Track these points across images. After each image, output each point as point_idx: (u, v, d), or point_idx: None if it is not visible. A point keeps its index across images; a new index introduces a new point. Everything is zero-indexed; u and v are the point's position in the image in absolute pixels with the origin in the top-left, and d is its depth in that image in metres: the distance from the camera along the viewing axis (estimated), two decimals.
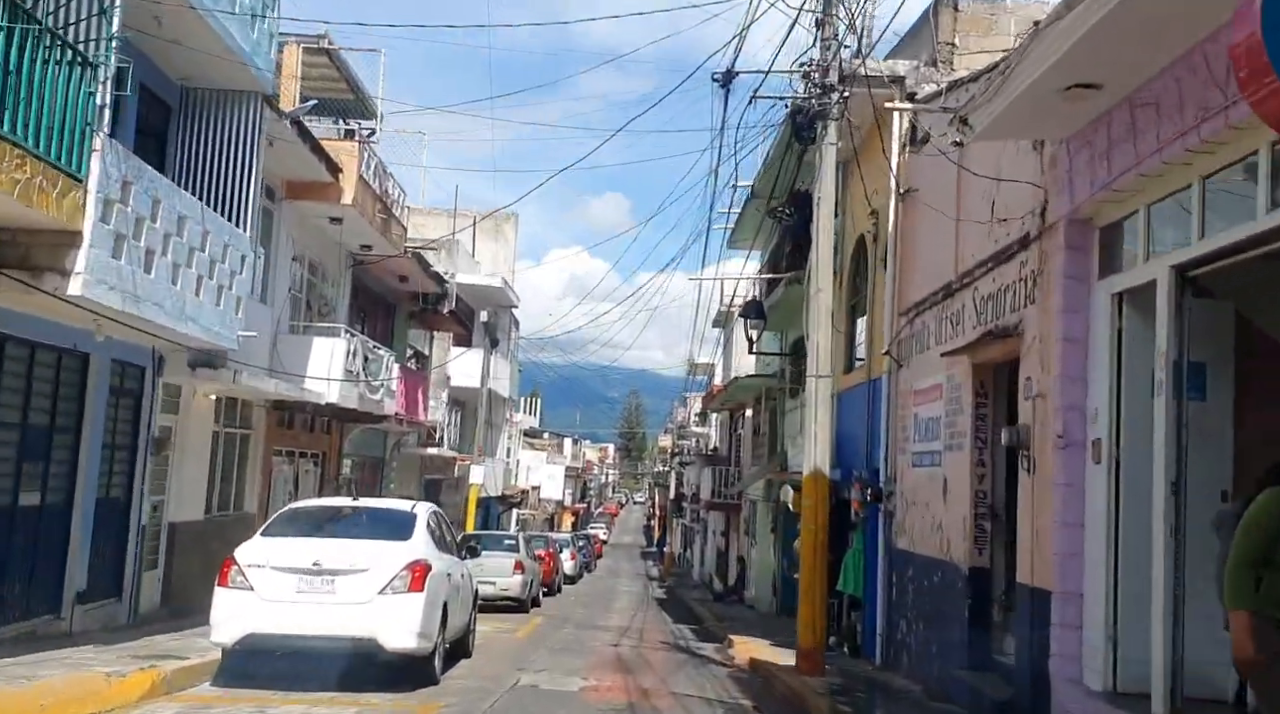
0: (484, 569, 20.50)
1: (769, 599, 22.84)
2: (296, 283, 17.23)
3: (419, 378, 23.11)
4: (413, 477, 25.76)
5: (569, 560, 36.14)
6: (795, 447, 17.36)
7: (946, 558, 10.21)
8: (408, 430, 23.05)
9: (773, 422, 22.77)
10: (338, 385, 16.10)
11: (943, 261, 10.93)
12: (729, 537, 34.07)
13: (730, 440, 34.98)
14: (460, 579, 11.05)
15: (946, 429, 10.40)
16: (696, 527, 47.24)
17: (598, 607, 25.35)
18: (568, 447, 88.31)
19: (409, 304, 23.78)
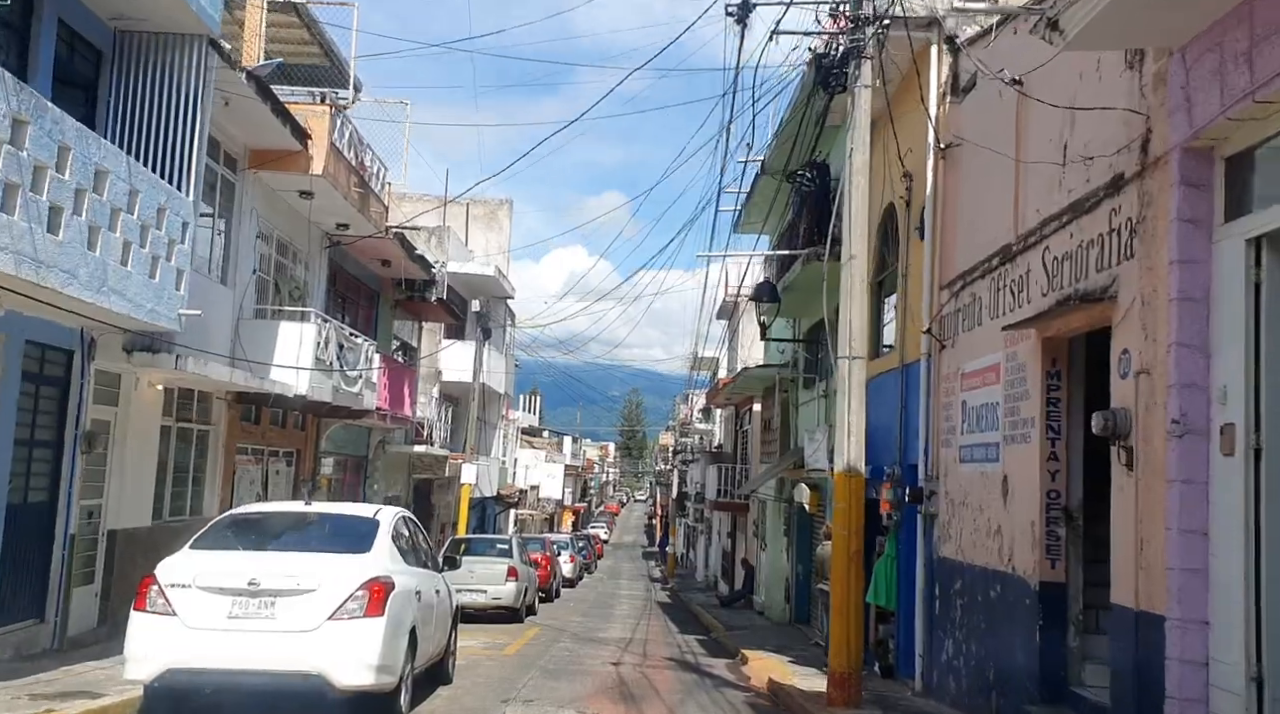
0: (475, 576, 18.97)
1: (781, 606, 21.26)
2: (263, 263, 15.63)
3: (405, 370, 21.52)
4: (400, 476, 24.18)
5: (567, 563, 34.56)
6: (812, 442, 15.78)
7: (1008, 569, 8.62)
8: (393, 427, 21.46)
9: (785, 416, 21.17)
10: (307, 376, 14.51)
11: (996, 223, 9.35)
12: (735, 538, 32.47)
13: (736, 437, 33.38)
14: (435, 596, 9.46)
15: (1007, 417, 8.80)
16: (700, 527, 45.64)
17: (597, 614, 23.77)
18: (567, 445, 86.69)
19: (394, 292, 22.18)
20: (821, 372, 17.50)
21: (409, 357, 24.67)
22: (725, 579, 34.83)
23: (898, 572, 12.17)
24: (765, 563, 24.19)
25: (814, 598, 19.03)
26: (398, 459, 23.50)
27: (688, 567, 53.21)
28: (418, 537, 9.78)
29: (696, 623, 22.98)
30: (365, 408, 17.80)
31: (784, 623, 20.41)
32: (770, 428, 22.48)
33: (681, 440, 53.36)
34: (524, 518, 58.32)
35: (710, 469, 31.85)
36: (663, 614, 25.14)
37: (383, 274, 21.40)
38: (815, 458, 15.33)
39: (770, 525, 23.13)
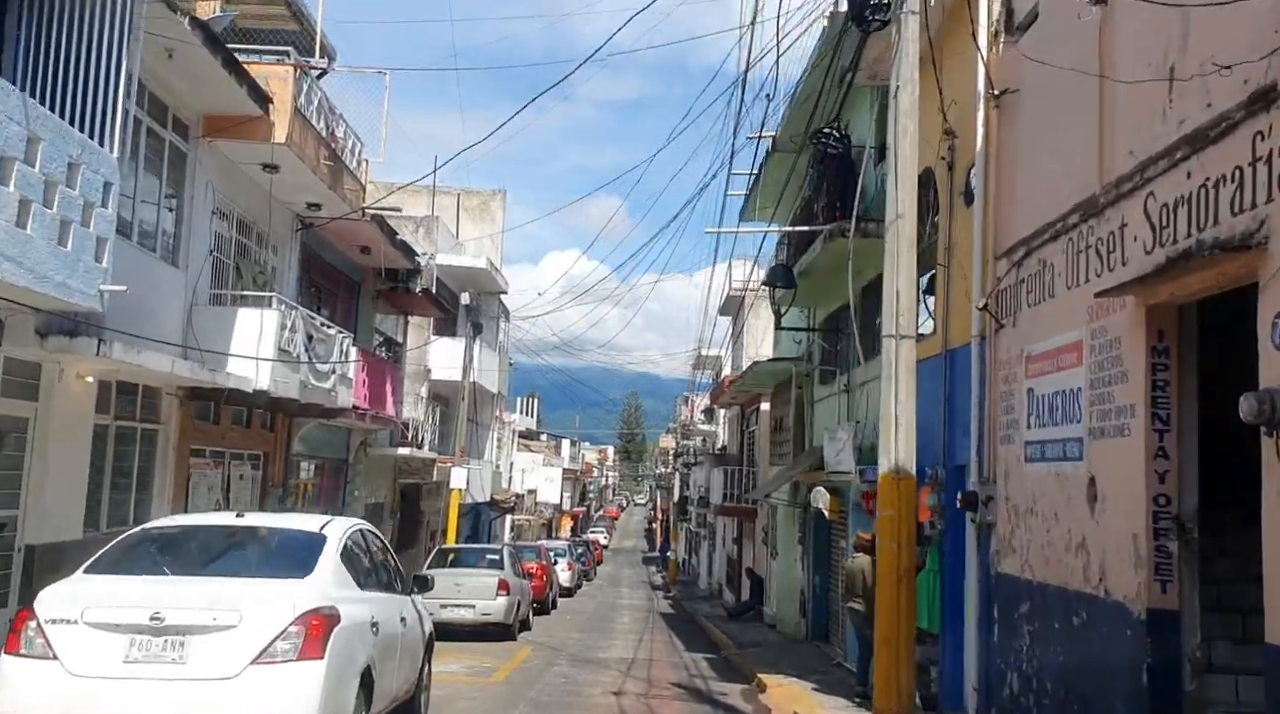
0: (462, 590, 17.40)
1: (795, 620, 19.66)
2: (221, 244, 14.04)
3: (387, 367, 19.93)
4: (384, 481, 22.57)
5: (565, 572, 32.97)
6: (834, 441, 14.20)
7: (1097, 592, 7.03)
8: (375, 428, 19.86)
9: (799, 414, 19.59)
10: (269, 368, 12.91)
11: (1071, 174, 7.78)
12: (742, 544, 30.86)
13: (742, 439, 31.79)
14: (400, 625, 7.86)
15: (1094, 406, 7.22)
16: (703, 532, 44.02)
17: (597, 629, 22.15)
18: (566, 449, 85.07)
19: (376, 282, 20.60)
20: (842, 364, 15.92)
21: (394, 353, 23.07)
22: (730, 587, 33.22)
23: (941, 589, 10.57)
24: (776, 573, 22.59)
25: (834, 613, 17.42)
26: (381, 463, 21.91)
27: (690, 573, 51.56)
28: (379, 554, 8.18)
29: (704, 638, 21.38)
30: (340, 406, 16.21)
31: (799, 639, 18.82)
32: (782, 427, 20.89)
33: (683, 443, 51.74)
34: (521, 523, 56.67)
35: (715, 472, 30.26)
36: (667, 628, 23.54)
37: (363, 263, 19.82)
38: (838, 459, 13.75)
39: (782, 532, 21.54)
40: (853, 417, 14.83)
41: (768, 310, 29.28)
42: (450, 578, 17.77)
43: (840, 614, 16.69)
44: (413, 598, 8.75)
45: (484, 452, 31.27)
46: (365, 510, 21.11)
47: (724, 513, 29.49)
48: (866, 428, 13.44)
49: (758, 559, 26.85)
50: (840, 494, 15.80)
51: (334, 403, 15.80)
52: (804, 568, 18.79)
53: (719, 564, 37.44)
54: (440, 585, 17.52)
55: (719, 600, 34.16)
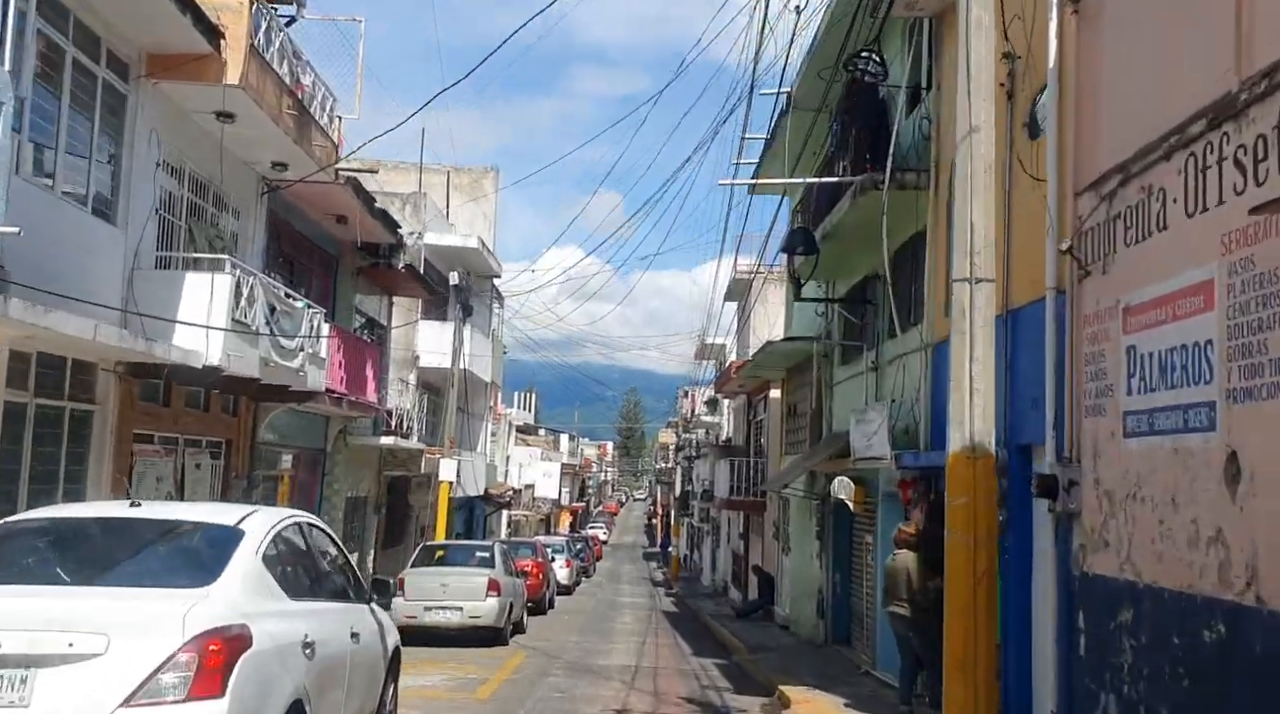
0: (448, 591, 15.85)
1: (811, 621, 18.09)
2: (171, 203, 12.45)
3: (367, 348, 18.33)
4: (368, 473, 20.98)
5: (563, 569, 31.43)
6: (863, 424, 12.61)
7: (1244, 599, 5.45)
8: (355, 415, 18.27)
9: (817, 398, 18.00)
10: (219, 342, 11.31)
11: (1187, 76, 6.19)
12: (748, 540, 29.31)
13: (748, 430, 30.22)
14: (351, 643, 6.27)
15: (1234, 361, 5.63)
16: (706, 527, 42.48)
17: (596, 631, 20.58)
18: (564, 443, 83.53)
19: (355, 257, 19.01)
20: (868, 339, 14.32)
21: (377, 335, 21.48)
22: (736, 584, 31.68)
23: (1002, 591, 8.98)
24: (789, 570, 21.02)
25: (857, 615, 15.86)
26: (364, 453, 20.32)
27: (692, 569, 50.04)
28: (324, 555, 6.59)
29: (711, 640, 19.82)
30: (311, 389, 14.61)
31: (817, 642, 17.24)
32: (796, 414, 19.30)
33: (685, 437, 50.19)
34: (518, 519, 55.11)
35: (720, 464, 28.68)
36: (671, 629, 21.97)
37: (341, 236, 18.22)
38: (868, 445, 12.16)
39: (796, 527, 19.96)
40: (883, 397, 13.25)
41: (777, 295, 27.73)
42: (435, 577, 16.21)
43: (866, 617, 15.12)
44: (372, 606, 7.16)
45: (477, 443, 29.69)
46: (346, 505, 19.55)
47: (730, 507, 27.93)
48: (902, 408, 11.86)
49: (767, 555, 25.29)
50: (867, 484, 14.22)
51: (304, 385, 14.21)
52: (822, 565, 17.21)
53: (723, 560, 35.91)
54: (424, 586, 15.97)
55: (724, 598, 32.62)
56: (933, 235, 11.28)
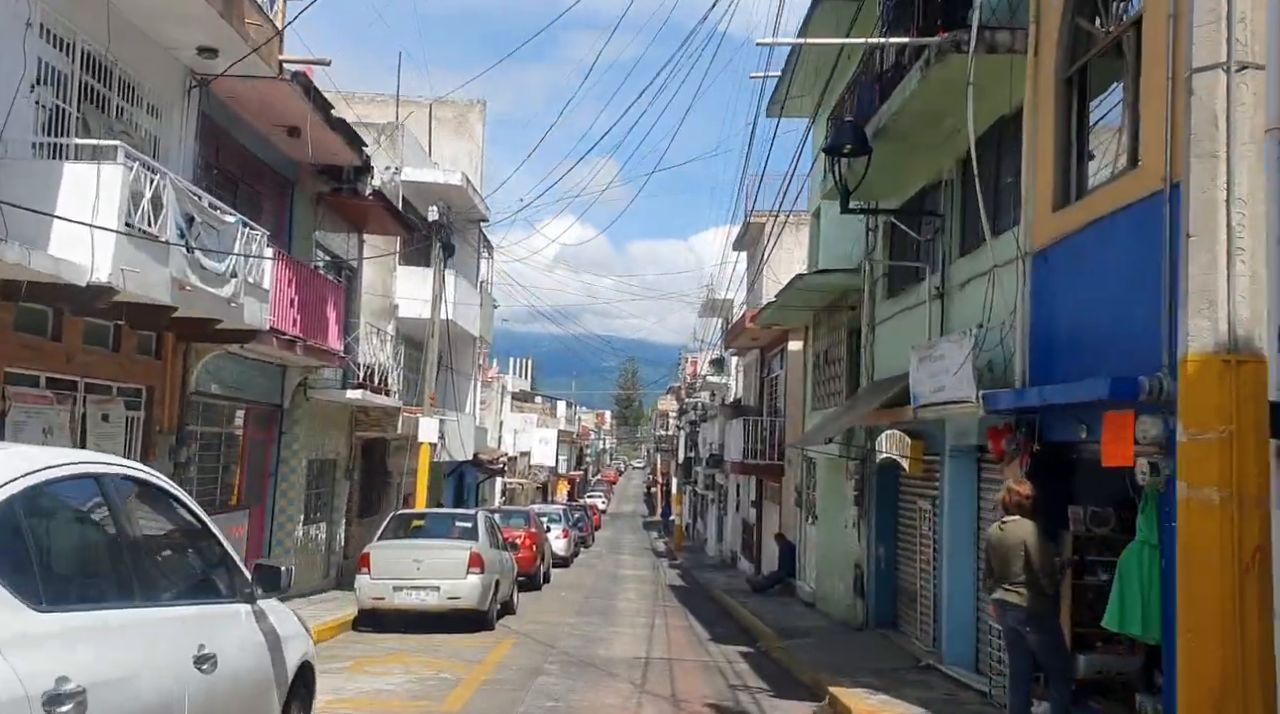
0: (422, 568, 13.37)
1: (846, 599, 15.67)
2: (58, 83, 9.80)
3: (328, 286, 15.70)
4: (338, 434, 18.44)
5: (560, 539, 29.05)
6: (930, 362, 10.07)
7: None
8: (317, 363, 15.70)
9: (852, 345, 15.49)
10: (109, 253, 8.70)
11: None
12: (762, 507, 26.92)
13: (761, 388, 27.74)
14: (190, 679, 3.74)
15: None
16: (711, 495, 40.11)
17: (597, 610, 18.16)
18: (561, 410, 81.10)
19: (315, 182, 16.37)
20: (933, 259, 11.73)
21: (347, 278, 18.88)
22: (747, 555, 29.33)
23: (1161, 572, 6.46)
24: (815, 540, 18.59)
25: (906, 593, 13.43)
26: (331, 411, 17.78)
27: (695, 539, 47.78)
28: (151, 530, 4.04)
29: (730, 621, 17.41)
30: (250, 326, 12.02)
31: (854, 624, 14.82)
32: (827, 361, 16.77)
33: (688, 401, 47.70)
34: (514, 487, 52.75)
35: (732, 426, 26.19)
36: (681, 607, 19.56)
37: (297, 156, 15.57)
38: (943, 385, 9.61)
39: (826, 492, 17.49)
40: (954, 329, 10.71)
41: (795, 241, 25.10)
42: (408, 552, 13.74)
43: (920, 597, 12.68)
44: (258, 607, 4.64)
45: (465, 404, 27.16)
46: (310, 469, 17.04)
47: (743, 471, 25.47)
48: (989, 336, 9.31)
49: (785, 524, 22.88)
50: (927, 438, 11.73)
51: (240, 321, 11.63)
52: (861, 536, 14.74)
53: (731, 530, 33.56)
54: (394, 562, 13.51)
55: (733, 569, 30.29)
56: (1033, 110, 8.67)
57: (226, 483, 14.53)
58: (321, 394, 16.64)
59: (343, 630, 13.34)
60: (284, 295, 13.57)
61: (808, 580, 19.18)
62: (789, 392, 22.88)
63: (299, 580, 16.43)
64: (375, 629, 13.59)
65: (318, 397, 16.65)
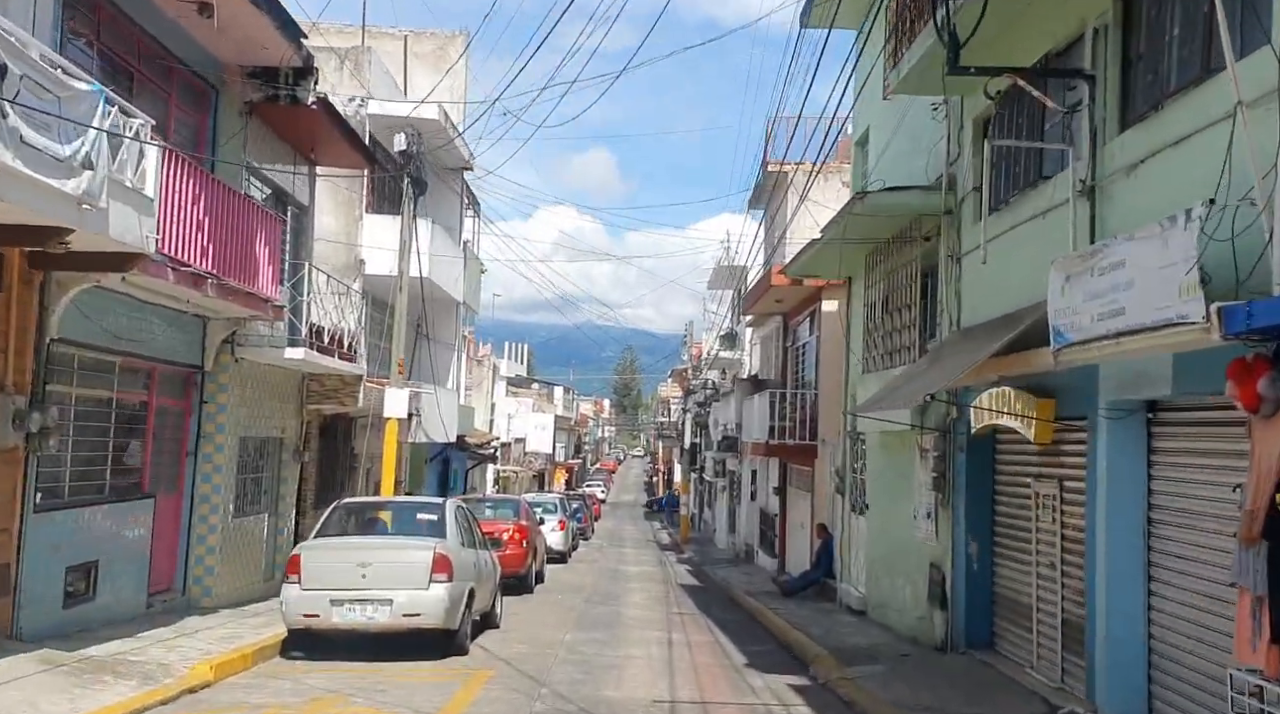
0: (370, 576, 10.05)
1: (915, 610, 12.42)
2: None
3: (256, 214, 12.29)
4: (286, 408, 15.09)
5: (555, 532, 25.76)
6: (1092, 279, 6.75)
7: None
8: (245, 314, 12.36)
9: (925, 287, 12.19)
10: None
11: None
12: (786, 495, 23.64)
13: (784, 359, 24.43)
14: None
15: None
16: (721, 482, 36.83)
17: (599, 620, 14.87)
18: (558, 396, 77.88)
19: (244, 86, 13.02)
20: (1077, 143, 8.34)
21: (295, 217, 15.54)
22: (767, 549, 26.10)
23: None
24: (865, 534, 15.32)
25: (1009, 603, 10.16)
26: (274, 378, 14.45)
27: (703, 530, 44.55)
28: None
29: (761, 632, 14.16)
30: (123, 245, 8.69)
31: (930, 641, 11.54)
32: (888, 313, 13.43)
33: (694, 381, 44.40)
34: (507, 475, 49.53)
35: (754, 402, 22.89)
36: (700, 615, 16.27)
37: (221, 53, 12.25)
38: (1142, 303, 6.26)
39: (882, 475, 14.19)
40: (1107, 233, 7.41)
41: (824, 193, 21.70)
42: (351, 553, 10.42)
43: (1038, 611, 9.40)
44: None
45: (447, 378, 23.82)
46: (244, 449, 13.74)
47: (767, 453, 22.16)
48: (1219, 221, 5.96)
49: (819, 514, 19.61)
50: (1064, 395, 8.43)
51: (103, 232, 8.30)
52: (942, 530, 11.45)
53: (746, 520, 30.29)
54: (332, 566, 10.25)
55: (749, 565, 27.08)
56: None
57: (124, 464, 11.24)
58: (253, 353, 13.30)
59: (264, 658, 10.06)
60: (185, 215, 10.24)
61: (853, 583, 15.92)
62: (823, 359, 19.58)
63: (227, 587, 13.12)
64: (310, 655, 10.33)
65: (249, 357, 13.32)
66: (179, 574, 12.53)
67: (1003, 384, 9.38)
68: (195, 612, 12.14)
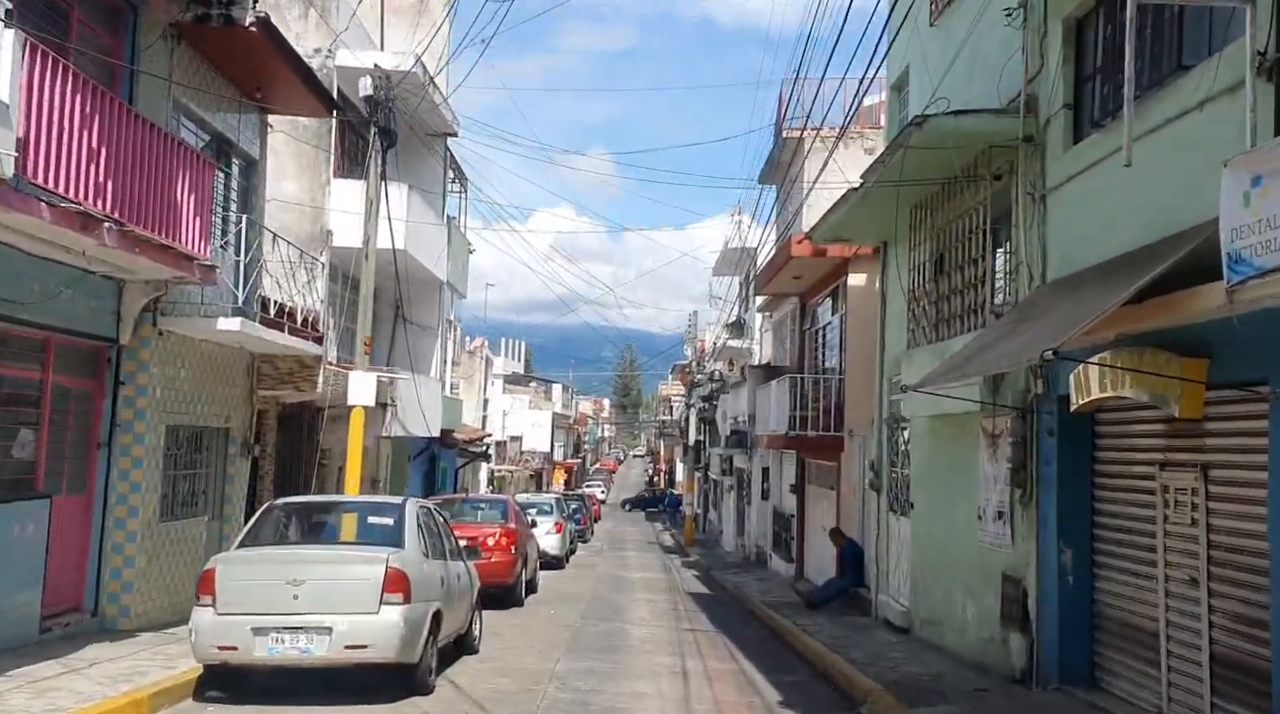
0: (304, 598, 7.81)
1: (981, 631, 10.24)
2: None
3: (178, 159, 10.07)
4: (228, 390, 12.88)
5: (551, 535, 23.62)
6: None
7: None
8: (169, 275, 10.16)
9: (984, 233, 9.99)
10: None
11: None
12: (804, 493, 21.44)
13: (800, 343, 22.24)
14: None
15: None
16: (729, 481, 34.63)
17: (598, 642, 12.67)
18: (557, 393, 75.69)
19: (168, 4, 10.82)
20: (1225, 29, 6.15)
21: (243, 172, 13.36)
22: (781, 553, 23.92)
23: None
24: (905, 538, 13.13)
25: (1128, 630, 7.95)
26: (216, 357, 12.26)
27: (709, 532, 42.33)
28: None
29: (791, 657, 11.97)
30: None
31: (1007, 670, 9.35)
32: (944, 273, 11.24)
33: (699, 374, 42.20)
34: (503, 475, 47.35)
35: (770, 390, 20.69)
36: (717, 633, 14.06)
37: None
38: None
39: (935, 466, 11.99)
40: None
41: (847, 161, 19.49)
42: (280, 568, 8.16)
43: (1168, 639, 7.20)
44: None
45: (430, 367, 21.61)
46: (176, 440, 11.56)
47: (786, 445, 19.95)
48: None
49: (844, 515, 17.44)
50: (1238, 353, 6.24)
51: None
52: (1021, 534, 9.25)
53: (757, 521, 28.08)
54: (254, 585, 8.03)
55: (761, 570, 24.89)
56: None
57: (10, 456, 9.08)
58: (181, 325, 11.11)
59: (169, 702, 7.88)
60: (72, 140, 8.05)
61: (893, 594, 13.73)
62: (849, 340, 17.40)
63: (152, 606, 10.90)
64: (232, 696, 8.15)
65: (177, 330, 11.13)
66: (89, 591, 10.35)
67: (1119, 346, 7.20)
68: (108, 636, 9.97)
